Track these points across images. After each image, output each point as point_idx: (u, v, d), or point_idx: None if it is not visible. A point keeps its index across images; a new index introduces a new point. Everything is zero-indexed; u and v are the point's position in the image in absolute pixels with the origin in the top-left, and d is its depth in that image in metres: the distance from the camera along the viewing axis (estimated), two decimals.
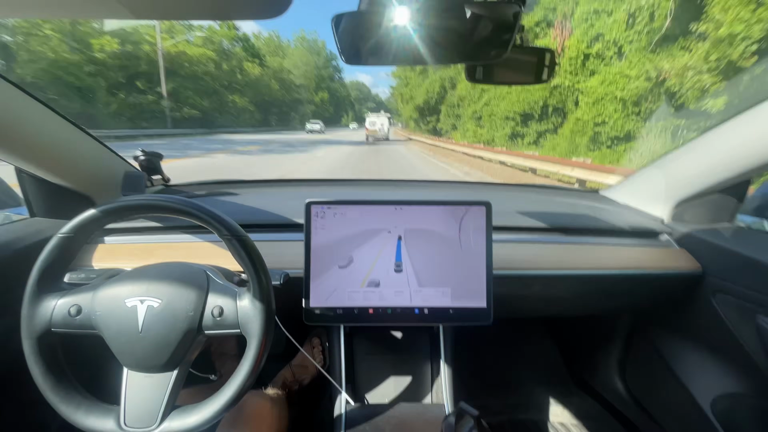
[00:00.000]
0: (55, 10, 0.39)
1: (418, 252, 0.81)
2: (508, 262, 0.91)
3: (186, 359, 0.60)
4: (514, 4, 0.50)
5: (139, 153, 1.11)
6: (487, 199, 0.81)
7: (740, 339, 0.86)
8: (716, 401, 0.95)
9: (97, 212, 0.58)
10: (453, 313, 0.81)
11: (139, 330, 0.57)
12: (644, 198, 1.16)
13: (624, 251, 0.98)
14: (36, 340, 0.57)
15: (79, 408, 0.57)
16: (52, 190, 0.91)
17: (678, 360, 1.06)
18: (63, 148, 0.85)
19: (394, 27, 0.51)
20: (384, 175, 8.91)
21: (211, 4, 0.35)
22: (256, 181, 1.50)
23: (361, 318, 0.81)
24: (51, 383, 0.57)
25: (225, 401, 0.58)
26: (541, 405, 1.40)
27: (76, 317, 0.58)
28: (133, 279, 0.60)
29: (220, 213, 0.60)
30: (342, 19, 0.51)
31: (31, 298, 0.57)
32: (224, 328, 0.60)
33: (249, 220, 0.97)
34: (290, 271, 0.78)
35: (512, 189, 1.52)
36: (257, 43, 47.96)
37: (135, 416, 0.57)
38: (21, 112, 0.73)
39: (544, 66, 0.70)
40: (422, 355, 0.99)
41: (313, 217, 0.80)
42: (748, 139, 0.80)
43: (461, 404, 0.67)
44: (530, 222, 1.04)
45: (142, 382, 0.59)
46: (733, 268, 0.87)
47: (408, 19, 0.50)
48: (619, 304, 1.08)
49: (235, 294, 0.62)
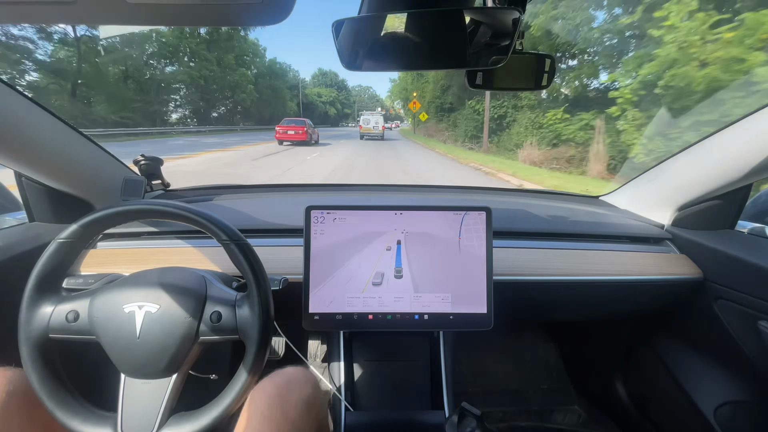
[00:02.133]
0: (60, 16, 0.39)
1: (418, 257, 0.80)
2: (509, 267, 0.91)
3: (184, 365, 0.60)
4: (514, 10, 0.50)
5: (140, 158, 1.11)
6: (487, 205, 0.81)
7: (742, 345, 0.86)
8: (719, 409, 0.94)
9: (96, 217, 0.58)
10: (453, 319, 0.80)
11: (136, 336, 0.57)
12: (645, 203, 1.16)
13: (624, 257, 0.98)
14: (33, 346, 0.56)
15: (76, 415, 0.56)
16: (52, 195, 0.91)
17: (679, 366, 1.06)
18: (63, 152, 0.85)
19: (393, 33, 0.51)
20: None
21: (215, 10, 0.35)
22: (256, 186, 1.50)
23: (361, 324, 0.80)
24: (48, 389, 0.56)
25: (223, 408, 0.57)
26: (542, 412, 1.39)
27: (74, 323, 0.57)
28: (131, 284, 0.60)
29: (219, 218, 0.60)
30: (342, 24, 0.51)
31: (29, 304, 0.57)
32: (223, 334, 0.60)
33: (248, 225, 0.97)
34: (290, 276, 0.78)
35: (512, 194, 1.52)
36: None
37: (132, 423, 0.56)
38: (21, 116, 0.73)
39: (544, 72, 0.71)
40: (422, 361, 0.99)
41: (312, 222, 0.80)
42: (748, 144, 0.80)
43: (463, 404, 0.67)
44: (531, 227, 1.03)
45: (139, 389, 0.58)
46: (734, 273, 0.87)
47: (408, 24, 0.51)
48: (619, 310, 1.08)
49: (233, 300, 0.61)
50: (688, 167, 0.97)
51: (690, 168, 0.96)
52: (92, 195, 0.96)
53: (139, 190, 1.02)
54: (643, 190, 1.17)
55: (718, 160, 0.88)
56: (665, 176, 1.06)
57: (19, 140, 0.74)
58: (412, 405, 0.95)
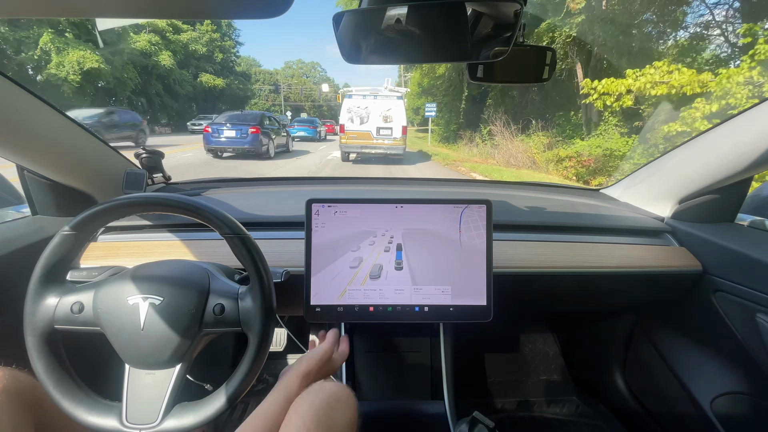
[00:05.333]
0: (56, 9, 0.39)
1: (418, 250, 0.81)
2: (509, 260, 0.91)
3: (187, 356, 0.60)
4: (515, 2, 0.50)
5: (141, 151, 1.11)
6: (487, 198, 0.81)
7: (740, 337, 0.87)
8: (716, 400, 0.95)
9: (99, 209, 0.58)
10: (453, 311, 0.81)
11: (141, 327, 0.57)
12: (645, 196, 1.16)
13: (624, 249, 0.98)
14: (39, 337, 0.57)
15: (81, 404, 0.57)
16: (54, 189, 0.91)
17: (678, 359, 1.07)
18: (65, 146, 0.86)
19: (395, 25, 0.51)
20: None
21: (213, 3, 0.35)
22: (257, 179, 1.50)
23: (362, 315, 0.81)
24: (53, 380, 0.57)
25: (226, 399, 0.58)
26: (541, 403, 1.41)
27: (79, 314, 0.58)
28: (135, 277, 0.61)
29: (223, 211, 0.60)
30: (342, 17, 0.51)
31: (34, 295, 0.57)
32: (225, 326, 0.61)
33: (250, 218, 0.97)
34: (291, 268, 0.78)
35: (512, 187, 1.52)
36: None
37: (136, 413, 0.57)
38: (23, 110, 0.73)
39: (545, 65, 0.70)
40: (423, 352, 1.00)
41: (313, 215, 0.80)
42: (748, 137, 0.80)
43: (475, 414, 0.66)
44: (531, 220, 1.04)
45: (143, 379, 0.59)
46: (733, 266, 0.87)
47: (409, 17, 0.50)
48: (619, 302, 1.08)
49: (236, 292, 0.62)
50: (688, 160, 0.97)
51: (690, 161, 0.96)
52: (94, 188, 0.97)
53: (141, 183, 1.02)
54: (644, 183, 1.17)
55: (718, 153, 0.87)
56: (665, 169, 1.06)
57: (21, 134, 0.75)
58: (412, 395, 0.97)
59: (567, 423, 1.31)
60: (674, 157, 1.03)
